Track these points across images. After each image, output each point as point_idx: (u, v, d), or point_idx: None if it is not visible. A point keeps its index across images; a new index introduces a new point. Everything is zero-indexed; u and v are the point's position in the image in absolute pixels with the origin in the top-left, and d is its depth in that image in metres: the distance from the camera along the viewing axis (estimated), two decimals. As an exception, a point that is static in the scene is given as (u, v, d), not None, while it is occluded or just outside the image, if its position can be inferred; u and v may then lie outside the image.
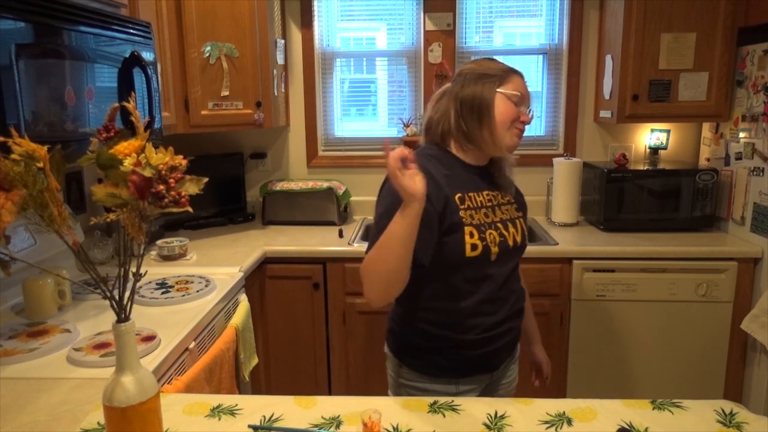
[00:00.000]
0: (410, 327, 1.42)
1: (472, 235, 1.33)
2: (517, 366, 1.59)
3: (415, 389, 1.42)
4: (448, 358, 1.39)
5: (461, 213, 1.34)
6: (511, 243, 1.39)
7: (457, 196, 1.35)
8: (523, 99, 1.40)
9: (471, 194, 1.38)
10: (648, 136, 2.83)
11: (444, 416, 1.10)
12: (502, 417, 1.09)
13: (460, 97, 1.39)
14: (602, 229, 2.61)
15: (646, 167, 2.65)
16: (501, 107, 1.37)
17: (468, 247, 1.32)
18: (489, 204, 1.41)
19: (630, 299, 2.35)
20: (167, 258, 2.18)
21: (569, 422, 1.08)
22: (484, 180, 1.44)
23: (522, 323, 1.53)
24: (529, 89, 1.45)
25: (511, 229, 1.41)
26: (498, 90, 1.36)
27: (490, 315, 1.39)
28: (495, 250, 1.35)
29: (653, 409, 1.12)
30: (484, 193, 1.42)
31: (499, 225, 1.40)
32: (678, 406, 1.13)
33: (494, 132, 1.37)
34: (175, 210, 0.81)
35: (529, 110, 1.43)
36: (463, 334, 1.37)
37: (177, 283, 1.84)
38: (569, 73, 2.85)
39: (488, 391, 1.49)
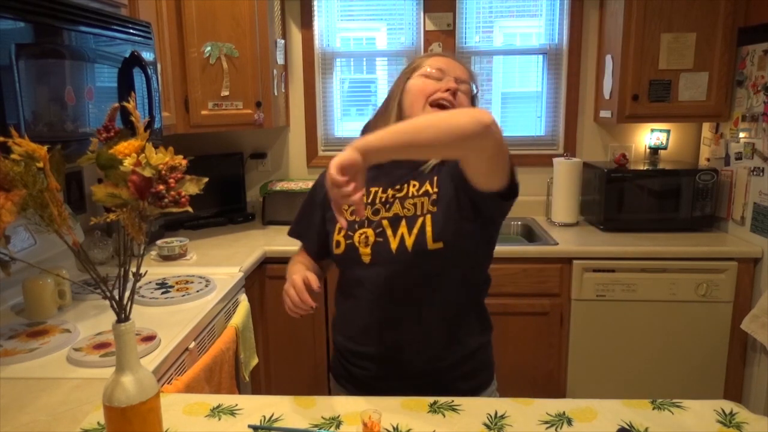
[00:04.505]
0: None
1: (339, 231, 1.25)
2: None
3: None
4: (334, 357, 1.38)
5: None
6: (394, 246, 1.17)
7: None
8: (444, 72, 1.24)
9: (372, 189, 1.25)
10: (648, 136, 2.83)
11: (444, 416, 1.10)
12: (502, 417, 1.09)
13: None
14: (602, 229, 2.61)
15: (646, 167, 2.65)
16: (413, 89, 1.24)
17: (334, 243, 1.25)
18: (391, 200, 1.23)
19: (630, 299, 2.35)
20: (167, 258, 2.18)
21: (569, 422, 1.08)
22: (403, 171, 1.25)
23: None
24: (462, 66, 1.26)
25: (402, 230, 1.18)
26: (411, 77, 1.26)
27: (358, 340, 1.26)
28: (365, 251, 1.20)
29: (653, 409, 1.12)
30: (396, 187, 1.24)
31: (384, 222, 1.20)
32: (678, 406, 1.13)
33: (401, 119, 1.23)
34: (175, 210, 0.81)
35: (464, 81, 1.24)
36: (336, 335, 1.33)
37: (177, 283, 1.84)
38: (569, 73, 2.85)
39: None
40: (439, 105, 1.19)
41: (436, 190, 1.20)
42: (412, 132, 1.00)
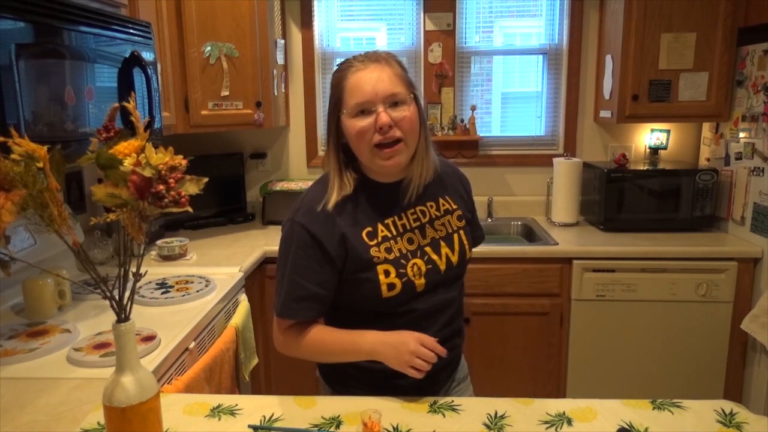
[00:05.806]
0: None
1: (387, 274, 1.18)
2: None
3: None
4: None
5: (372, 251, 1.19)
6: (443, 267, 1.23)
7: (365, 232, 1.20)
8: (367, 104, 1.14)
9: (388, 221, 1.22)
10: (648, 136, 2.83)
11: (444, 416, 1.10)
12: (502, 417, 1.09)
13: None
14: (602, 229, 2.61)
15: (646, 167, 2.65)
16: (350, 133, 1.18)
17: (384, 288, 1.18)
18: (416, 225, 1.24)
19: (630, 299, 2.35)
20: (167, 258, 2.18)
21: (569, 422, 1.08)
22: (407, 195, 1.24)
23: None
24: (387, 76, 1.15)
25: (444, 250, 1.24)
26: (341, 115, 1.19)
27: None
28: (420, 282, 1.20)
29: (653, 409, 1.12)
30: (409, 213, 1.24)
31: (428, 249, 1.23)
32: (678, 406, 1.13)
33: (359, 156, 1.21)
34: (175, 210, 0.81)
35: (394, 94, 1.14)
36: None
37: (177, 283, 1.84)
38: (569, 73, 2.85)
39: None
40: (384, 146, 1.16)
41: (456, 206, 1.30)
42: None
